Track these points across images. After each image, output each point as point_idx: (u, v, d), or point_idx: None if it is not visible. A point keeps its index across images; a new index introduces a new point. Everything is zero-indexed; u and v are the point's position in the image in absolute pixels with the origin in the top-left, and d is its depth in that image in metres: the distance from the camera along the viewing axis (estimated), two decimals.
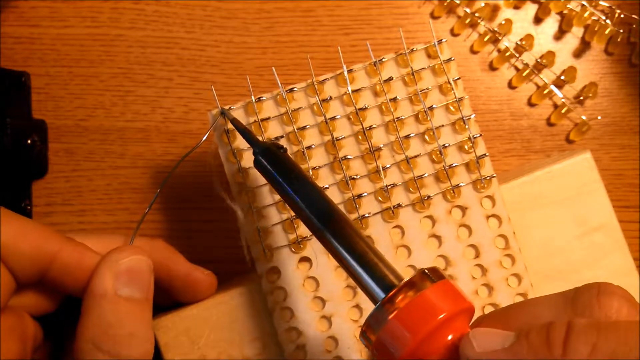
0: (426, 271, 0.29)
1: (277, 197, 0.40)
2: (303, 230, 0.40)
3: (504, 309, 0.30)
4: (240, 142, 0.40)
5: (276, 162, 0.35)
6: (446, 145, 0.41)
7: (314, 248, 0.40)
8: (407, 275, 0.29)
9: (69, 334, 0.34)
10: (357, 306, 0.40)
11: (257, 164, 0.36)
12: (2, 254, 0.31)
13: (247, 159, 0.40)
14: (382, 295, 0.29)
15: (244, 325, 0.40)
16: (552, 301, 0.28)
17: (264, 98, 0.40)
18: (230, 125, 0.40)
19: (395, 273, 0.30)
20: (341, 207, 0.40)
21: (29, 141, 0.48)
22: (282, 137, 0.40)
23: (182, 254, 0.39)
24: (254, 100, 0.40)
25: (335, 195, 0.40)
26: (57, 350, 0.38)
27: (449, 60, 0.41)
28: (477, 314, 0.40)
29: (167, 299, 0.39)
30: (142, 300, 0.33)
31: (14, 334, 0.32)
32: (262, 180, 0.40)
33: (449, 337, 0.27)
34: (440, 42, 0.41)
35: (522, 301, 0.30)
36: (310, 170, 0.40)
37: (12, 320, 0.32)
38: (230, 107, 0.40)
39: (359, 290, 0.40)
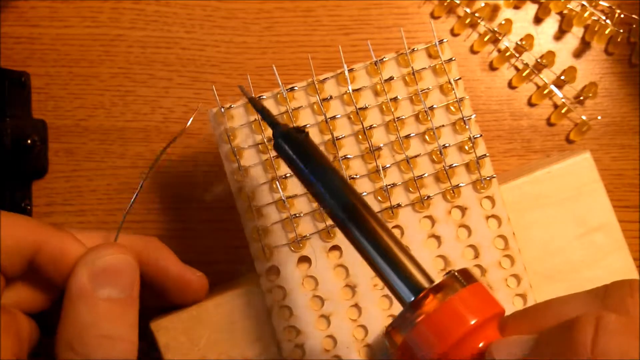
0: (457, 273, 0.28)
1: (277, 195, 0.40)
2: (302, 229, 0.40)
3: (529, 309, 0.29)
4: (241, 140, 0.40)
5: (297, 146, 0.32)
6: (446, 145, 0.41)
7: (314, 247, 0.40)
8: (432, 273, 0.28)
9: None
10: (356, 305, 0.40)
11: (277, 147, 0.33)
12: None
13: (247, 158, 0.40)
14: (411, 296, 0.28)
15: (245, 326, 0.40)
16: (580, 299, 0.27)
17: (264, 97, 0.40)
18: (229, 124, 0.40)
19: (425, 273, 0.29)
20: None
21: (29, 141, 0.48)
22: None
23: (178, 254, 0.39)
24: None
25: None
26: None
27: (450, 60, 0.41)
28: None
29: (163, 299, 0.39)
30: (124, 300, 0.32)
31: (9, 332, 0.32)
32: (262, 179, 0.40)
33: (480, 345, 0.27)
34: (441, 42, 0.41)
35: (548, 300, 0.29)
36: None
37: (6, 319, 0.32)
38: (230, 106, 0.40)
39: (358, 289, 0.40)
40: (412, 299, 0.28)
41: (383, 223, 0.30)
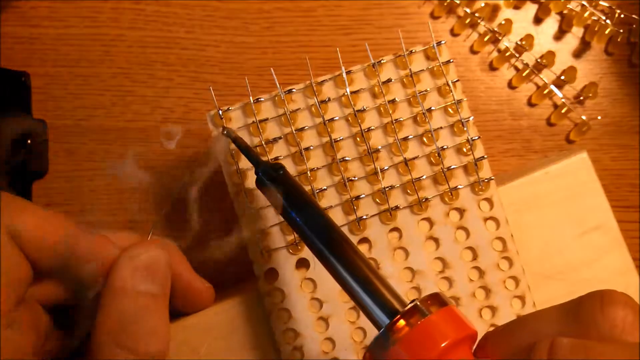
0: (430, 297, 0.29)
1: None
2: None
3: (506, 326, 0.30)
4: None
5: (278, 182, 0.34)
6: (444, 147, 0.41)
7: None
8: (410, 296, 0.29)
9: (80, 324, 0.34)
10: (355, 308, 0.40)
11: (258, 183, 0.35)
12: (23, 244, 0.31)
13: (245, 160, 0.40)
14: (385, 320, 0.29)
15: (244, 334, 0.40)
16: (553, 315, 0.28)
17: (262, 99, 0.40)
18: (228, 126, 0.40)
19: (399, 299, 0.30)
20: (339, 209, 0.41)
21: (29, 141, 0.48)
22: (280, 138, 0.40)
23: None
24: (252, 101, 0.40)
25: (333, 197, 0.40)
26: (66, 340, 0.38)
27: (448, 62, 0.41)
28: (475, 316, 0.41)
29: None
30: (160, 296, 0.33)
31: (31, 328, 0.32)
32: None
33: None
34: (439, 44, 0.41)
35: (523, 316, 0.30)
36: (309, 172, 0.40)
37: (29, 314, 0.32)
38: (228, 108, 0.40)
39: None
40: (387, 322, 0.29)
41: (359, 252, 0.32)
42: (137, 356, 0.31)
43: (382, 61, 0.41)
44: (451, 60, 0.41)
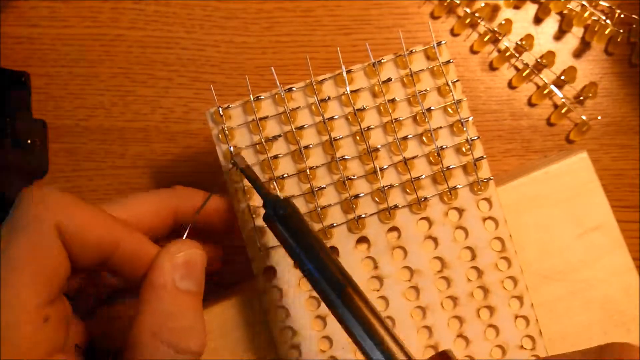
0: (440, 356, 0.29)
1: None
2: None
3: None
4: (238, 140, 0.40)
5: (285, 219, 0.34)
6: (444, 147, 0.41)
7: None
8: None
9: (92, 312, 0.36)
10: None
11: (266, 219, 0.35)
12: (68, 241, 0.31)
13: (245, 157, 0.40)
14: None
15: (242, 335, 0.41)
16: None
17: (262, 97, 0.40)
18: (228, 124, 0.40)
19: (407, 353, 0.30)
20: (338, 207, 0.40)
21: (29, 141, 0.48)
22: (279, 136, 0.40)
23: None
24: (252, 99, 0.40)
25: (332, 196, 0.40)
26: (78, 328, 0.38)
27: (448, 62, 0.41)
28: (473, 316, 0.40)
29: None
30: (197, 294, 0.34)
31: (62, 320, 0.32)
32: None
33: None
34: (439, 44, 0.41)
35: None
36: (308, 170, 0.40)
37: (61, 308, 0.32)
38: (228, 106, 0.40)
39: None
40: None
41: (369, 303, 0.32)
42: (178, 352, 0.32)
43: (382, 60, 0.41)
44: (451, 61, 0.41)
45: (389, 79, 0.41)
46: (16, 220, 0.31)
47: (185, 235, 0.37)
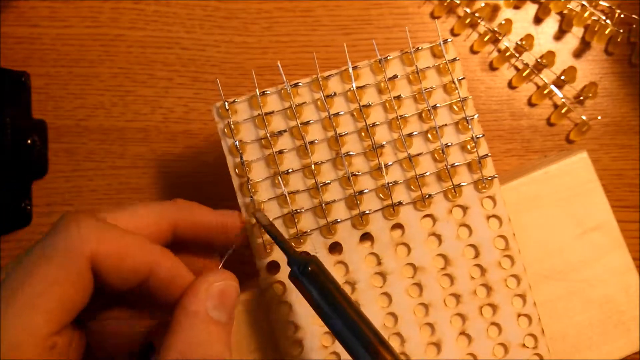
0: None
1: (279, 191, 0.40)
2: (303, 224, 0.40)
3: None
4: (244, 135, 0.40)
5: (310, 277, 0.35)
6: (449, 144, 0.41)
7: (314, 243, 0.40)
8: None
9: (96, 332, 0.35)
10: (355, 302, 0.40)
11: (291, 277, 0.35)
12: (104, 270, 0.32)
13: (250, 152, 0.40)
14: None
15: (244, 335, 0.40)
16: None
17: (268, 92, 0.40)
18: (233, 118, 0.40)
19: None
20: (342, 203, 0.40)
21: (29, 141, 0.48)
22: (285, 131, 0.40)
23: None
24: (258, 94, 0.40)
25: (336, 191, 0.40)
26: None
27: (454, 60, 0.41)
28: (476, 314, 0.40)
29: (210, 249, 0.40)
30: (228, 324, 0.34)
31: (72, 348, 0.33)
32: (264, 173, 0.40)
33: None
34: (445, 41, 0.41)
35: None
36: (313, 166, 0.40)
37: (71, 335, 0.33)
38: (234, 100, 0.40)
39: (357, 286, 0.40)
40: None
41: (397, 356, 0.32)
42: None
43: (388, 57, 0.41)
44: (457, 58, 0.41)
45: (395, 76, 0.41)
46: (50, 245, 0.31)
47: (221, 265, 0.37)
